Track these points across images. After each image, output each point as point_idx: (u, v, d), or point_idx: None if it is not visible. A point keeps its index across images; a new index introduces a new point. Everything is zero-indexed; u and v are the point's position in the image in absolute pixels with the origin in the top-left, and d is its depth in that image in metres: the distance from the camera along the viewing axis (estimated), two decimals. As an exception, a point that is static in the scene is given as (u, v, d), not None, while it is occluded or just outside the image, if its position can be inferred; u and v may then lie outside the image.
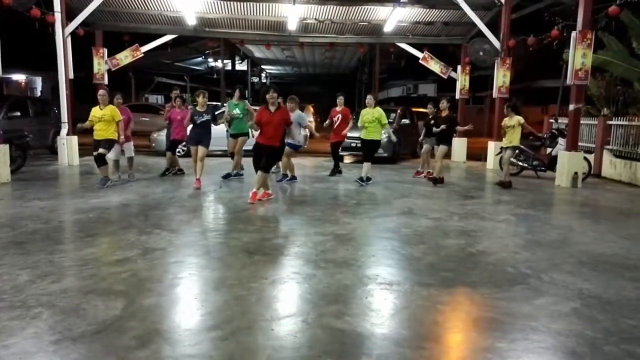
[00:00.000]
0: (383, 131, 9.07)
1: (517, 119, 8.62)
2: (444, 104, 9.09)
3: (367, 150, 8.91)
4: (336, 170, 9.97)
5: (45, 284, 3.66)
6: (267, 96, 6.55)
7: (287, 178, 8.90)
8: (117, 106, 8.42)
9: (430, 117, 9.53)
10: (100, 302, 3.33)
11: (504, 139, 8.97)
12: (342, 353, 2.74)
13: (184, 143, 9.87)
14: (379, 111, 8.73)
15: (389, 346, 2.83)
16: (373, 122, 8.64)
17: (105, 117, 7.76)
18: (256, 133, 7.09)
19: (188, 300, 3.48)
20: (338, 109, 9.81)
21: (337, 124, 9.74)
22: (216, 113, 9.92)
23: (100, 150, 7.79)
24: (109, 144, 7.91)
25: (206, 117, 8.08)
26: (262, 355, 2.70)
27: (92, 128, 7.81)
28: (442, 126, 8.85)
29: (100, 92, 7.95)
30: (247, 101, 9.18)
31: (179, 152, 11.29)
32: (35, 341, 2.78)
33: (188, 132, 8.54)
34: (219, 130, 9.91)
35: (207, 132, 8.15)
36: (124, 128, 8.43)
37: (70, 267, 4.09)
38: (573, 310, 3.39)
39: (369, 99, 9.00)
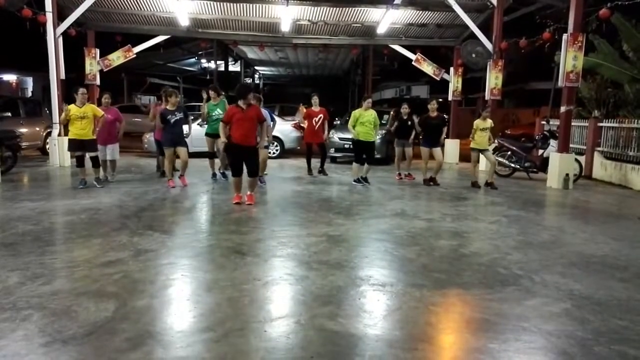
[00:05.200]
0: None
1: (490, 122, 8.95)
2: (434, 104, 9.10)
3: (368, 152, 8.93)
4: (314, 170, 10.11)
5: (36, 285, 3.63)
6: (247, 95, 6.57)
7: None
8: (106, 106, 8.37)
9: (406, 118, 9.54)
10: (91, 304, 3.30)
11: (474, 139, 9.01)
12: (335, 354, 2.74)
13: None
14: (375, 114, 8.81)
15: (381, 347, 2.84)
16: (370, 123, 8.68)
17: (87, 115, 7.70)
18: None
19: (180, 302, 3.46)
20: (316, 109, 9.90)
21: (318, 124, 9.80)
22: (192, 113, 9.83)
23: (93, 154, 7.94)
24: (94, 145, 7.98)
25: (179, 116, 8.04)
26: (254, 357, 2.69)
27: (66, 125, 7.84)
28: (417, 128, 9.31)
29: (82, 90, 7.82)
30: (225, 101, 8.95)
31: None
32: (25, 343, 2.75)
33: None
34: (201, 131, 9.64)
35: (182, 131, 8.19)
36: (114, 129, 8.43)
37: (61, 268, 4.06)
38: (564, 311, 3.41)
39: (369, 101, 8.97)
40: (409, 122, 9.41)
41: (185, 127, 8.35)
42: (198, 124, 9.96)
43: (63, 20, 11.07)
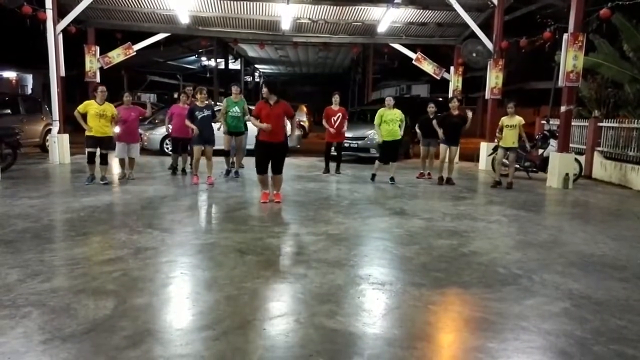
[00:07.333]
0: (372, 132, 9.24)
1: (518, 119, 8.80)
2: (455, 102, 9.24)
3: (393, 151, 9.05)
4: (336, 169, 10.17)
5: (35, 283, 3.63)
6: (263, 91, 6.67)
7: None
8: (127, 104, 8.55)
9: (432, 117, 9.56)
10: (90, 302, 3.30)
11: (498, 137, 9.04)
12: (334, 353, 2.74)
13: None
14: (400, 113, 8.94)
15: (380, 346, 2.84)
16: (395, 122, 8.83)
17: (106, 114, 7.87)
18: (253, 128, 6.95)
19: (180, 300, 3.46)
20: (335, 108, 9.99)
21: (336, 123, 9.82)
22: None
23: (105, 151, 8.04)
24: (110, 142, 8.14)
25: (206, 112, 8.07)
26: (253, 355, 2.70)
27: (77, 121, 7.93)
28: (436, 128, 9.19)
29: (101, 88, 8.00)
30: (245, 100, 9.16)
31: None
32: (25, 341, 2.75)
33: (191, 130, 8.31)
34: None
35: (211, 129, 8.22)
36: (136, 128, 8.68)
37: (60, 266, 4.06)
38: (563, 311, 3.42)
39: (389, 99, 9.16)
40: (435, 121, 9.44)
41: (214, 125, 8.47)
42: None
43: (63, 18, 11.06)
